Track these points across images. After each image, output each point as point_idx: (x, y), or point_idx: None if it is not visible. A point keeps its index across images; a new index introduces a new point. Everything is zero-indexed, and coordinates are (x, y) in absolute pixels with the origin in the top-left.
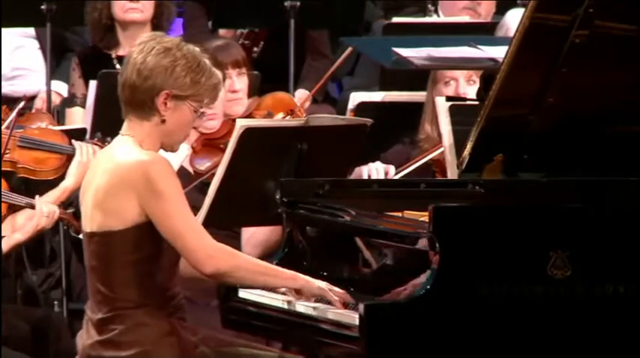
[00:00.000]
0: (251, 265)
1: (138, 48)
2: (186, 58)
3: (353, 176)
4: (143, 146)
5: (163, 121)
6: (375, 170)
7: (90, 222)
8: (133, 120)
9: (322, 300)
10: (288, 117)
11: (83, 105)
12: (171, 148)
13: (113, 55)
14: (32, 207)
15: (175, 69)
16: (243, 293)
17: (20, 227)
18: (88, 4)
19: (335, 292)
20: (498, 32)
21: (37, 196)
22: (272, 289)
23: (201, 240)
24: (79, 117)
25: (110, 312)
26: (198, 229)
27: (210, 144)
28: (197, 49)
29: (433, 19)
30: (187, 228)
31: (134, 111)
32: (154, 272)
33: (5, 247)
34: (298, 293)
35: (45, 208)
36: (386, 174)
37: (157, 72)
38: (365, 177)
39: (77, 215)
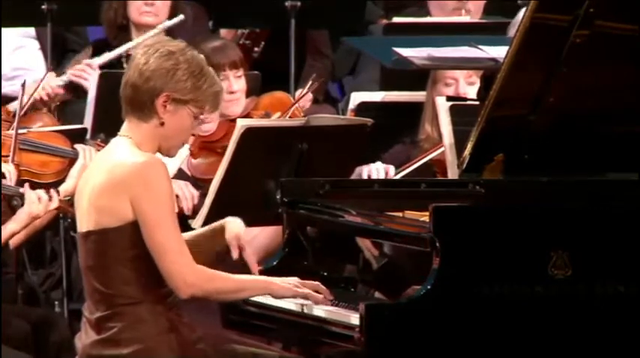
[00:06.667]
0: (227, 285)
1: (142, 50)
2: (188, 63)
3: (353, 176)
4: (141, 148)
5: (162, 124)
6: (376, 170)
7: (86, 221)
8: (133, 121)
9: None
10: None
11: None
12: (168, 153)
13: (123, 54)
14: (22, 195)
15: (177, 72)
16: (231, 301)
17: (14, 217)
18: (103, 3)
19: (307, 285)
20: (512, 30)
21: (25, 184)
22: None
23: (180, 264)
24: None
25: (108, 310)
26: (180, 249)
27: (207, 147)
28: (202, 56)
29: (433, 19)
30: (169, 247)
31: (134, 111)
32: (150, 268)
33: (1, 238)
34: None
35: (34, 195)
36: (386, 174)
37: (159, 74)
38: (365, 177)
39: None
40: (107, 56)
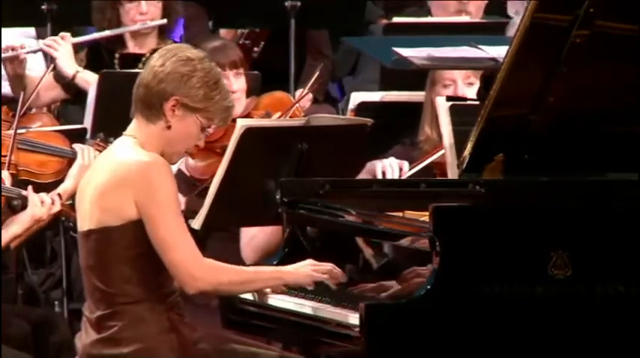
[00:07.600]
0: (234, 278)
1: (161, 53)
2: (204, 72)
3: (365, 171)
4: (145, 148)
5: (169, 127)
6: (390, 166)
7: (88, 220)
8: (140, 120)
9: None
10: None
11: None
12: (170, 159)
13: (117, 55)
14: (24, 197)
15: (191, 79)
16: (243, 294)
17: (17, 220)
18: (94, 13)
19: (321, 270)
20: (511, 30)
21: (29, 187)
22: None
23: (186, 258)
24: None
25: (109, 308)
26: (186, 244)
27: (206, 147)
28: (220, 70)
29: (433, 19)
30: (174, 243)
31: (142, 111)
32: (151, 268)
33: (3, 240)
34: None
35: (37, 198)
36: (400, 169)
37: (173, 77)
38: (379, 172)
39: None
40: (84, 37)
